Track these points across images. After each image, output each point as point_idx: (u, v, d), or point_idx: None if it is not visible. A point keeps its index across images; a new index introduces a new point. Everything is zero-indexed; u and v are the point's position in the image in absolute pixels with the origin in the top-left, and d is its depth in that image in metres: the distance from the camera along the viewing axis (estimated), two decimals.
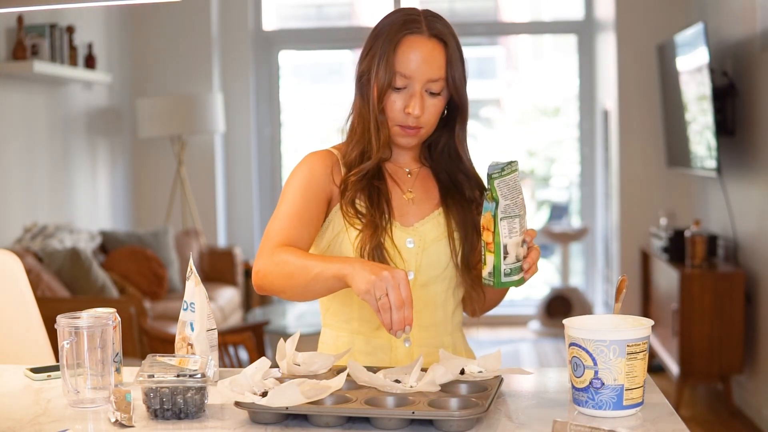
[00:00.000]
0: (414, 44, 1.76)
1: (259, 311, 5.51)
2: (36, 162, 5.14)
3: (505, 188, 1.64)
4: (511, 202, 1.65)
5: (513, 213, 1.65)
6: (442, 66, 1.77)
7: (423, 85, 1.77)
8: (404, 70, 1.76)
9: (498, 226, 1.64)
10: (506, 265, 1.66)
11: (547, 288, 6.84)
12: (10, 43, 4.82)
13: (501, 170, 1.64)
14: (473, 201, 1.88)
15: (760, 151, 4.49)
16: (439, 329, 1.86)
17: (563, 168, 7.58)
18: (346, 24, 7.60)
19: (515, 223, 1.66)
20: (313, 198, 1.80)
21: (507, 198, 1.65)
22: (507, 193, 1.65)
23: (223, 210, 6.71)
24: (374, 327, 1.83)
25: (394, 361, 1.83)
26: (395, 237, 1.81)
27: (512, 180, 1.65)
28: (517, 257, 1.67)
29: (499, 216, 1.64)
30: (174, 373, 1.52)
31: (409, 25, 1.77)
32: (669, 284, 4.90)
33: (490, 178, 1.64)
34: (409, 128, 1.80)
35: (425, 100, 1.78)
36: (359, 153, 1.82)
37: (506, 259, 1.65)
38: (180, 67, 6.51)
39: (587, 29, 6.87)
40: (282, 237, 1.75)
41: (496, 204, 1.64)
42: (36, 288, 4.18)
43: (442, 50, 1.78)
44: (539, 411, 1.54)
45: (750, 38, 4.55)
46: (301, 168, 1.83)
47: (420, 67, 1.76)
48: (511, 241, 1.65)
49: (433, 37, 1.77)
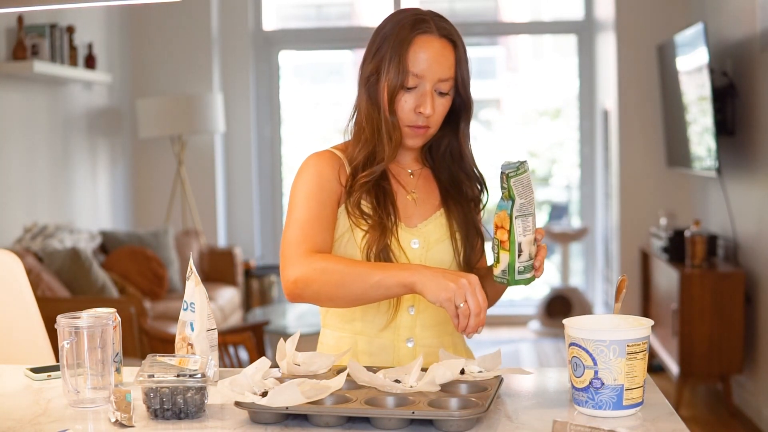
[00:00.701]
0: (426, 44, 1.77)
1: (259, 311, 5.51)
2: (36, 162, 5.14)
3: (520, 187, 1.66)
4: (525, 201, 1.67)
5: (527, 212, 1.68)
6: (452, 66, 1.79)
7: (433, 85, 1.78)
8: (416, 70, 1.77)
9: (513, 224, 1.66)
10: (520, 263, 1.68)
11: (547, 288, 6.84)
12: (10, 43, 4.82)
13: (516, 169, 1.66)
14: (473, 200, 1.90)
15: (760, 151, 4.49)
16: (440, 328, 1.86)
17: (563, 168, 7.58)
18: (346, 24, 7.60)
19: (529, 221, 1.68)
20: (326, 200, 1.80)
21: (522, 197, 1.67)
22: (522, 191, 1.67)
23: (223, 210, 6.71)
24: (378, 328, 1.83)
25: (397, 361, 1.83)
26: (401, 238, 1.81)
27: (525, 179, 1.67)
28: (530, 255, 1.69)
29: (515, 215, 1.66)
30: (174, 373, 1.52)
31: (420, 25, 1.78)
32: (669, 284, 4.90)
33: (507, 177, 1.66)
34: (419, 128, 1.81)
35: (435, 100, 1.79)
36: (367, 155, 1.82)
37: (520, 257, 1.68)
38: (180, 67, 6.51)
39: (587, 29, 6.87)
40: (308, 243, 1.74)
41: (512, 202, 1.66)
42: (36, 288, 4.18)
43: (452, 50, 1.79)
44: (539, 411, 1.54)
45: (750, 38, 4.55)
46: (309, 171, 1.82)
47: (432, 67, 1.77)
48: (525, 239, 1.68)
49: (443, 37, 1.78)
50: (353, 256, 1.80)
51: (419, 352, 1.83)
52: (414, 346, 1.84)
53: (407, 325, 1.84)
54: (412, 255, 1.82)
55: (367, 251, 1.78)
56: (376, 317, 1.82)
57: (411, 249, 1.83)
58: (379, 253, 1.77)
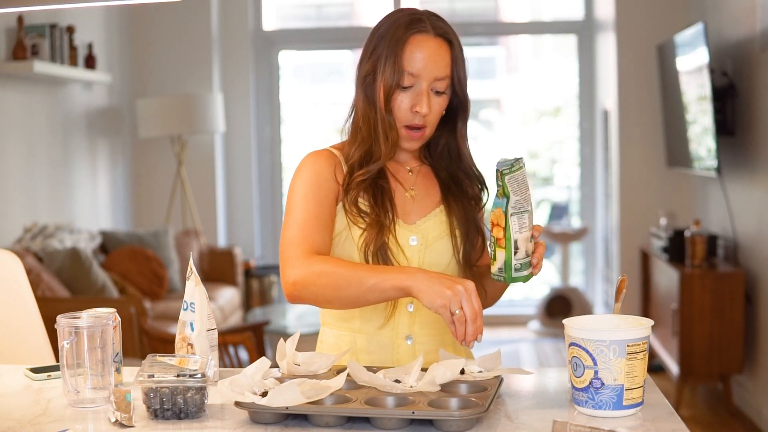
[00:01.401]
0: (421, 43, 1.77)
1: (259, 311, 5.51)
2: (36, 162, 5.14)
3: (515, 184, 1.66)
4: (520, 198, 1.67)
5: (523, 208, 1.67)
6: (448, 64, 1.79)
7: (430, 84, 1.78)
8: (412, 69, 1.77)
9: (509, 221, 1.66)
10: (516, 260, 1.68)
11: (547, 288, 6.84)
12: (10, 43, 4.82)
13: (510, 166, 1.66)
14: (473, 198, 1.90)
15: (760, 151, 4.49)
16: (440, 326, 1.86)
17: (563, 168, 7.58)
18: (346, 24, 7.60)
19: (525, 218, 1.67)
20: (324, 200, 1.80)
21: (517, 194, 1.66)
22: (517, 188, 1.66)
23: (223, 210, 6.71)
24: (376, 326, 1.83)
25: (396, 359, 1.83)
26: (398, 235, 1.81)
27: (521, 176, 1.67)
28: (527, 252, 1.69)
29: (510, 212, 1.66)
30: (174, 373, 1.52)
31: (415, 24, 1.78)
32: (669, 284, 4.90)
33: (501, 174, 1.66)
34: (415, 129, 1.81)
35: (431, 99, 1.79)
36: (363, 153, 1.82)
37: (516, 255, 1.67)
38: (180, 67, 6.51)
39: (587, 29, 6.87)
40: (307, 244, 1.75)
41: (507, 200, 1.66)
42: (36, 288, 4.18)
43: (447, 49, 1.79)
44: (539, 411, 1.54)
45: (750, 38, 4.55)
46: (306, 171, 1.83)
47: (427, 66, 1.77)
48: (521, 236, 1.67)
49: (438, 36, 1.79)
50: (351, 254, 1.80)
51: (418, 350, 1.83)
52: (413, 343, 1.84)
53: (406, 323, 1.84)
54: (410, 252, 1.82)
55: (365, 249, 1.78)
56: (374, 315, 1.82)
57: (409, 246, 1.82)
58: (377, 252, 1.77)
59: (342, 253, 1.81)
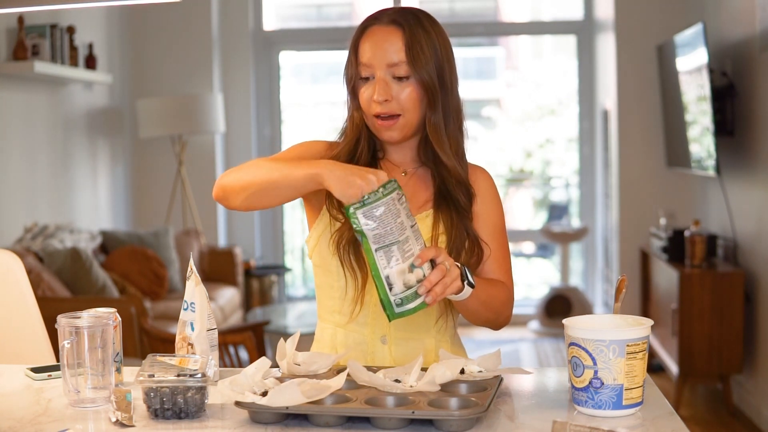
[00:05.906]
0: (370, 33, 1.80)
1: (259, 311, 5.51)
2: (36, 162, 5.14)
3: (370, 216, 1.55)
4: (382, 230, 1.55)
5: (388, 241, 1.56)
6: (400, 49, 1.76)
7: (384, 71, 1.77)
8: (363, 59, 1.79)
9: (375, 257, 1.56)
10: (395, 295, 1.57)
11: (547, 288, 6.84)
12: (10, 44, 4.82)
13: (366, 198, 1.55)
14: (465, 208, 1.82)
15: (759, 151, 4.49)
16: (417, 330, 1.83)
17: (563, 168, 7.59)
18: (346, 24, 7.60)
19: (394, 250, 1.56)
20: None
21: (378, 227, 1.55)
22: (378, 220, 1.55)
23: (223, 210, 6.71)
24: (357, 323, 1.82)
25: (371, 358, 1.82)
26: None
27: (384, 204, 1.56)
28: (406, 284, 1.57)
29: (373, 248, 1.56)
30: (174, 372, 1.52)
31: (370, 20, 1.82)
32: (668, 284, 4.90)
33: (347, 211, 1.56)
34: (385, 118, 1.78)
35: (391, 87, 1.77)
36: (349, 150, 1.84)
37: (392, 290, 1.56)
38: (180, 68, 6.51)
39: (587, 29, 6.87)
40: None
41: (362, 236, 1.56)
42: (36, 288, 4.18)
43: (399, 34, 1.77)
44: (539, 411, 1.54)
45: (749, 38, 4.55)
46: (301, 144, 1.89)
47: (376, 53, 1.78)
48: (395, 269, 1.56)
49: (390, 24, 1.79)
50: (330, 254, 1.80)
51: (394, 352, 1.81)
52: (387, 344, 1.82)
53: (384, 323, 1.81)
54: None
55: (338, 241, 1.78)
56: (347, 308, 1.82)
57: None
58: (348, 244, 1.77)
59: (326, 253, 1.81)
